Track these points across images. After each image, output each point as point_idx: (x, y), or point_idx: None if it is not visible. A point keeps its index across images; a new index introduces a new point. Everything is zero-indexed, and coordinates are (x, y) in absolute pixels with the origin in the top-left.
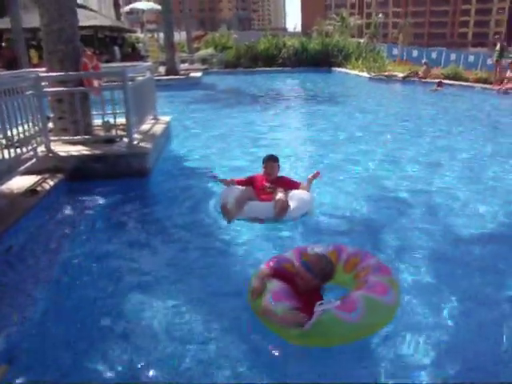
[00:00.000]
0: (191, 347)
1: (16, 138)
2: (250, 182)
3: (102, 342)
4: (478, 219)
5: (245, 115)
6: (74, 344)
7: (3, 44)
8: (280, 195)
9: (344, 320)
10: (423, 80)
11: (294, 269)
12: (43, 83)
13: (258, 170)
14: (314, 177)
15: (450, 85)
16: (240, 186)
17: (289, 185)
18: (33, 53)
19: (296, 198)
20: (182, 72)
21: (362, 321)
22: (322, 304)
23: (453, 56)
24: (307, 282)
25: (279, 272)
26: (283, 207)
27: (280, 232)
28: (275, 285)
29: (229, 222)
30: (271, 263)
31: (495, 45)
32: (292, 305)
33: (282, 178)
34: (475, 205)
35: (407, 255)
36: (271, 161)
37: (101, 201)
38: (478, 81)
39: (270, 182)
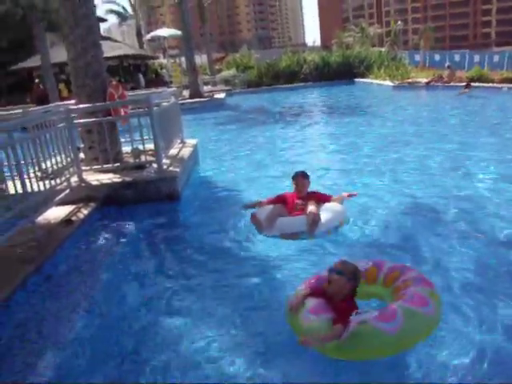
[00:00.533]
0: (231, 367)
1: (50, 169)
2: (280, 200)
3: (136, 371)
4: None
5: (270, 134)
6: (112, 371)
7: (36, 80)
8: (311, 208)
9: (382, 330)
10: (447, 84)
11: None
12: (73, 115)
13: (288, 188)
14: (350, 195)
15: (476, 87)
16: (271, 205)
17: (320, 199)
18: (62, 86)
19: (328, 209)
20: (206, 94)
21: (401, 332)
22: (358, 314)
23: (476, 57)
24: (340, 286)
25: (318, 291)
26: (315, 220)
27: (314, 247)
28: (312, 301)
29: (260, 232)
30: (309, 283)
31: (498, 45)
32: (328, 316)
33: (312, 193)
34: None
35: (444, 267)
36: (301, 177)
37: (134, 227)
38: (504, 81)
39: (300, 198)
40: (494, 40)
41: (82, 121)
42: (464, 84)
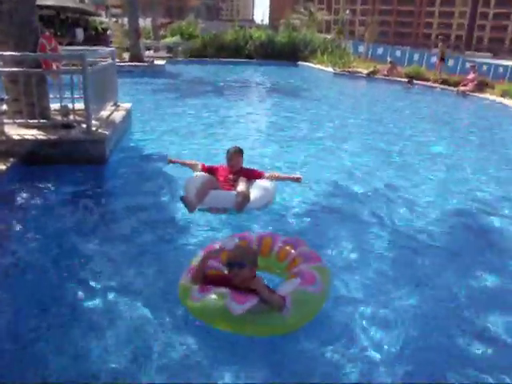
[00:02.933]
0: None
1: None
2: (213, 171)
3: (47, 331)
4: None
5: (207, 105)
6: (21, 336)
7: None
8: (242, 185)
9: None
10: (387, 77)
11: (222, 273)
12: None
13: (218, 161)
14: (295, 179)
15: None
16: (203, 173)
17: (253, 175)
18: None
19: (259, 187)
20: (147, 59)
21: (292, 313)
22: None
23: (416, 56)
24: (245, 276)
25: (220, 279)
26: (244, 198)
27: (238, 222)
28: (229, 292)
29: (190, 211)
30: (193, 271)
31: (436, 46)
32: (254, 300)
33: (245, 169)
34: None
35: (360, 248)
36: (235, 153)
37: (54, 188)
38: (437, 81)
39: (233, 173)
40: (433, 42)
41: (7, 69)
42: (407, 80)
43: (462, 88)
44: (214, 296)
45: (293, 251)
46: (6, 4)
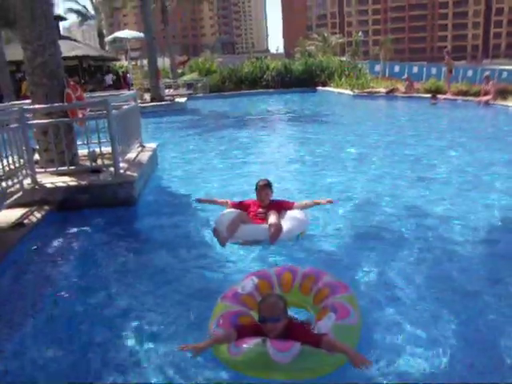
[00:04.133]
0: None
1: (1, 171)
2: (243, 206)
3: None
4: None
5: (231, 139)
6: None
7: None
8: (273, 218)
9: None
10: (406, 95)
11: (253, 319)
12: (28, 115)
13: (248, 195)
14: (327, 202)
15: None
16: (233, 209)
17: (282, 207)
18: (24, 85)
19: (290, 218)
20: (167, 98)
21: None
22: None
23: (433, 70)
24: (281, 328)
25: (241, 330)
26: (277, 230)
27: (273, 254)
28: (267, 341)
29: (222, 245)
30: (225, 322)
31: (443, 59)
32: (298, 345)
33: (275, 201)
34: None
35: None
36: (264, 186)
37: (88, 232)
38: (458, 93)
39: (263, 207)
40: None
41: (36, 122)
42: (430, 96)
43: (484, 98)
44: (254, 349)
45: (317, 282)
46: (39, 58)
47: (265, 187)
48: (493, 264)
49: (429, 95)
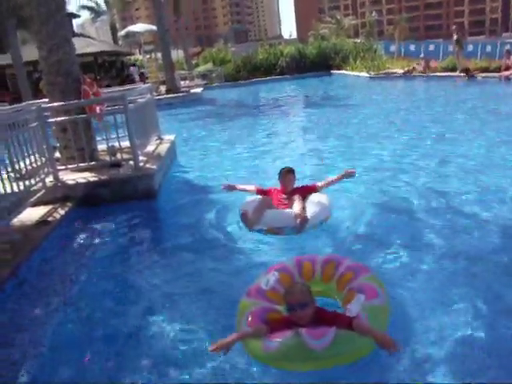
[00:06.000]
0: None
1: (24, 170)
2: (268, 193)
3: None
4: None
5: (249, 127)
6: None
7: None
8: (297, 205)
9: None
10: (424, 74)
11: (281, 314)
12: (46, 114)
13: (267, 183)
14: (347, 174)
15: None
16: (258, 196)
17: (307, 191)
18: (42, 84)
19: (314, 205)
20: (183, 89)
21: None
22: (351, 307)
23: (450, 47)
24: (310, 313)
25: (284, 321)
26: (303, 220)
27: (299, 242)
28: (302, 330)
29: (250, 229)
30: (254, 319)
31: (452, 35)
32: (332, 329)
33: (298, 188)
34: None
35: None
36: (287, 173)
37: (111, 226)
38: (477, 70)
39: (286, 193)
40: (467, 30)
41: (55, 119)
42: (465, 73)
43: (505, 73)
44: (289, 341)
45: (338, 268)
46: (54, 57)
47: (288, 173)
48: None
49: (444, 73)
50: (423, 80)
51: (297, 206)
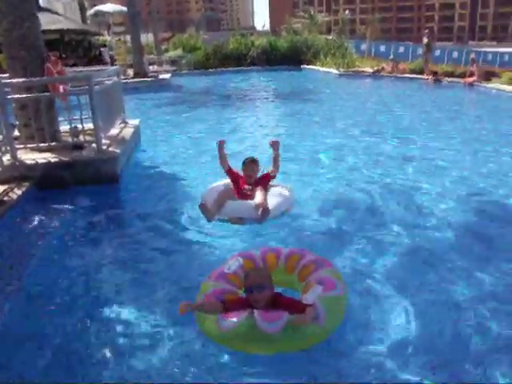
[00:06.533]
0: (149, 348)
1: None
2: (235, 177)
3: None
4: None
5: (214, 116)
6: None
7: None
8: (259, 196)
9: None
10: (391, 74)
11: (239, 295)
12: (6, 89)
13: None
14: (274, 145)
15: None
16: (221, 184)
17: (265, 181)
18: (0, 57)
19: (276, 195)
20: (151, 74)
21: (326, 320)
22: (307, 296)
23: (419, 50)
24: (267, 297)
25: (229, 305)
26: (264, 211)
27: (259, 232)
28: (257, 312)
29: (209, 220)
30: (211, 297)
31: (422, 39)
32: (285, 315)
33: (261, 178)
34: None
35: (382, 257)
36: (251, 163)
37: (71, 208)
38: (442, 74)
39: (249, 184)
40: (436, 35)
41: (16, 96)
42: (432, 76)
43: (468, 79)
44: (242, 321)
45: (301, 260)
46: (17, 31)
47: (251, 163)
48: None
49: (412, 75)
50: (390, 80)
51: (258, 197)
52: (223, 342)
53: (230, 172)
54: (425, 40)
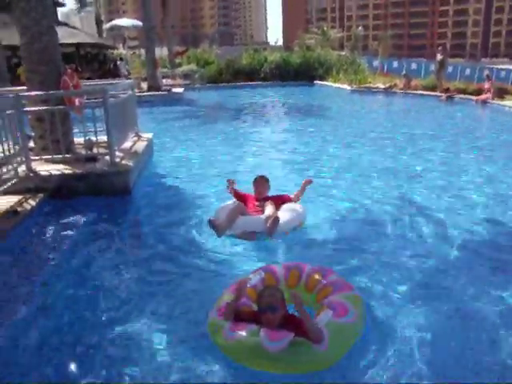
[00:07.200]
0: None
1: None
2: (242, 198)
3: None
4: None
5: (227, 130)
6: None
7: None
8: (269, 209)
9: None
10: (403, 91)
11: (252, 309)
12: (23, 102)
13: (240, 186)
14: (306, 183)
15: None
16: (232, 202)
17: (280, 201)
18: (21, 70)
19: (287, 210)
20: (164, 88)
21: (329, 347)
22: (317, 320)
23: (432, 66)
24: (279, 318)
25: (240, 317)
26: (274, 221)
27: (269, 246)
28: (263, 330)
29: (219, 235)
30: (223, 309)
31: (435, 56)
32: (290, 335)
33: (271, 196)
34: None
35: (392, 274)
36: (261, 181)
37: (82, 220)
38: (456, 91)
39: (259, 200)
40: (448, 52)
41: (32, 109)
42: (445, 94)
43: (481, 97)
44: (247, 334)
45: (322, 281)
46: (37, 44)
47: (262, 181)
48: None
49: (424, 92)
50: (403, 96)
51: (269, 210)
52: (227, 352)
53: (236, 195)
54: (439, 57)
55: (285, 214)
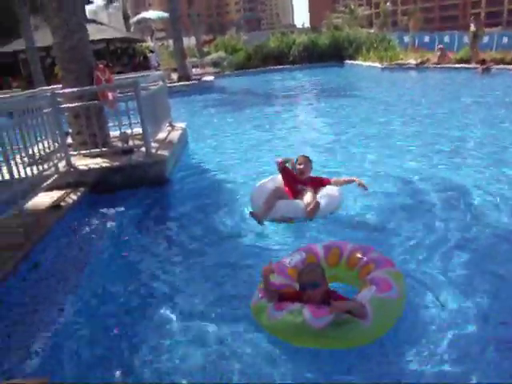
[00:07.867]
0: (205, 350)
1: (37, 155)
2: (287, 174)
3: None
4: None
5: (259, 116)
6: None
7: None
8: (310, 194)
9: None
10: (438, 66)
11: (295, 289)
12: (59, 99)
13: (276, 171)
14: (357, 183)
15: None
16: (269, 183)
17: (320, 183)
18: (57, 69)
19: (326, 195)
20: (194, 77)
21: (373, 322)
22: (360, 296)
23: (466, 38)
24: (321, 294)
25: (283, 297)
26: (315, 207)
27: (309, 230)
28: (306, 308)
29: (259, 222)
30: (264, 291)
31: (469, 27)
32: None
33: (312, 177)
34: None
35: (433, 253)
36: (304, 158)
37: (122, 212)
38: (492, 61)
39: (301, 182)
40: (483, 22)
41: (67, 105)
42: (480, 66)
43: None
44: (291, 313)
45: (363, 258)
46: (69, 42)
47: (304, 158)
48: None
49: (458, 65)
50: (436, 71)
51: (309, 195)
52: (272, 332)
53: (284, 171)
54: (472, 28)
55: (323, 198)
